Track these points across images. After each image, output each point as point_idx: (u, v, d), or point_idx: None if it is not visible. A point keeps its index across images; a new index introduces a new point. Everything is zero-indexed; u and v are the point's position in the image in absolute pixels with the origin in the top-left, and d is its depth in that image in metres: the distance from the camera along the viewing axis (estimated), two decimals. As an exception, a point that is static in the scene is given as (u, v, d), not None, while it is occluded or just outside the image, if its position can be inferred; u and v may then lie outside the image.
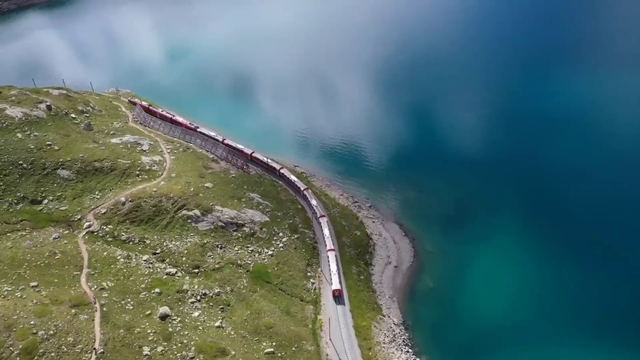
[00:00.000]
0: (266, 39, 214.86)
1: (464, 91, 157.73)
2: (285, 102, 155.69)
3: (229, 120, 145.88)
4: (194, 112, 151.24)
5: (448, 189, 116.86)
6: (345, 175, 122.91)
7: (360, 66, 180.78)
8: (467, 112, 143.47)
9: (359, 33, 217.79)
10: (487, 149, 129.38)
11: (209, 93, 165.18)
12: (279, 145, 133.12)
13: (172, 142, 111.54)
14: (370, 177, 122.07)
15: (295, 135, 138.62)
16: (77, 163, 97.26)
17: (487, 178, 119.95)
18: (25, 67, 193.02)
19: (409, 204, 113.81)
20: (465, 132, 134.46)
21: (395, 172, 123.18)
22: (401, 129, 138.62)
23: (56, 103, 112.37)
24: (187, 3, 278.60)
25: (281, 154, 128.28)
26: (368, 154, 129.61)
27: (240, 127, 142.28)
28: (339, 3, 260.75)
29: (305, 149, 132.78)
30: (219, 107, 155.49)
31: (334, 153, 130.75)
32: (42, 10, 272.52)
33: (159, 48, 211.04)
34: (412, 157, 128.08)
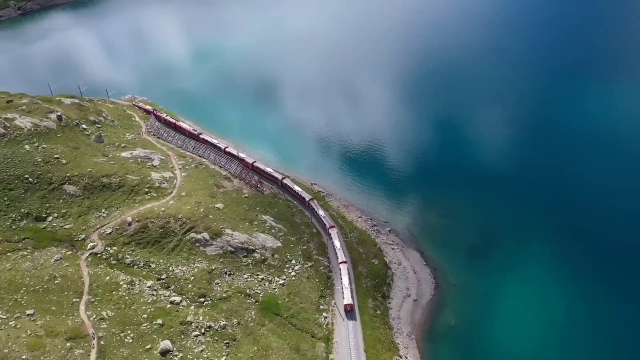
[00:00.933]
0: (289, 44, 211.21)
1: (493, 104, 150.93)
2: (305, 113, 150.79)
3: (246, 131, 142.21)
4: (211, 121, 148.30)
5: (473, 214, 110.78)
6: (365, 195, 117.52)
7: (385, 75, 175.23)
8: (496, 128, 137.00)
9: (385, 39, 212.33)
10: (517, 170, 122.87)
11: (227, 101, 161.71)
12: (297, 161, 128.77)
13: (184, 157, 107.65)
14: (390, 198, 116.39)
15: (314, 150, 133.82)
16: (85, 178, 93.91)
17: (517, 202, 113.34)
18: (44, 70, 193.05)
19: (431, 229, 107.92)
20: (493, 150, 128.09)
21: (418, 192, 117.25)
22: (425, 145, 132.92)
23: (67, 113, 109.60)
24: (212, 6, 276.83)
25: (298, 170, 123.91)
26: (389, 172, 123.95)
27: (257, 139, 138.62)
28: (366, 7, 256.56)
29: (324, 165, 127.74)
30: (236, 116, 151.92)
31: (353, 170, 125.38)
32: (65, 11, 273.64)
33: (180, 52, 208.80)
34: (436, 177, 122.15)
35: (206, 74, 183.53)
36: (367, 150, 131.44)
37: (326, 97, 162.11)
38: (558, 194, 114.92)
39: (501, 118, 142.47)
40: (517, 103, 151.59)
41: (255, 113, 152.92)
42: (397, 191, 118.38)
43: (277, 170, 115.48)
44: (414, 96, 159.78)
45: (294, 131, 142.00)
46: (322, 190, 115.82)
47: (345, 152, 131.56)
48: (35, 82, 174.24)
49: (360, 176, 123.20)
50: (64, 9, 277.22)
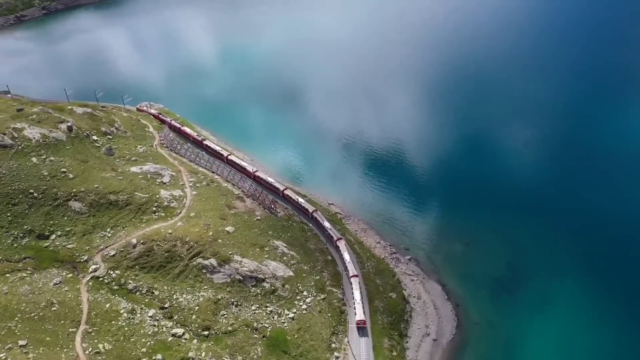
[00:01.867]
0: (313, 48, 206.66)
1: (524, 119, 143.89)
2: (326, 124, 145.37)
3: (263, 143, 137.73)
4: (227, 131, 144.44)
5: (500, 242, 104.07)
6: (384, 218, 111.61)
7: (411, 84, 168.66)
8: (527, 147, 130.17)
9: (413, 44, 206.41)
10: (550, 195, 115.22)
11: (246, 109, 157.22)
12: (315, 177, 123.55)
13: (196, 174, 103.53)
14: (412, 221, 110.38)
15: (333, 165, 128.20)
16: (91, 195, 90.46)
17: (548, 231, 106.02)
18: (64, 72, 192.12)
19: (455, 259, 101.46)
20: (523, 172, 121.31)
21: (441, 216, 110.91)
22: (450, 164, 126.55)
23: (78, 123, 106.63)
24: (237, 8, 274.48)
25: (316, 188, 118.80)
26: (411, 192, 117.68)
27: (274, 152, 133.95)
28: (394, 9, 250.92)
29: (343, 183, 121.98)
30: (254, 126, 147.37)
31: (373, 189, 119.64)
32: (88, 11, 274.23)
33: (202, 56, 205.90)
34: (461, 199, 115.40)
35: (227, 79, 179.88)
36: (388, 167, 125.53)
37: (348, 107, 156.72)
38: (594, 223, 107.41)
39: (533, 135, 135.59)
40: (552, 119, 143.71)
41: (275, 123, 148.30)
42: (419, 214, 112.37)
43: (278, 181, 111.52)
44: (441, 109, 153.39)
45: (313, 144, 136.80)
46: (339, 211, 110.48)
47: (365, 169, 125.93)
48: (53, 85, 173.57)
49: (381, 196, 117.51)
50: (87, 10, 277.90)
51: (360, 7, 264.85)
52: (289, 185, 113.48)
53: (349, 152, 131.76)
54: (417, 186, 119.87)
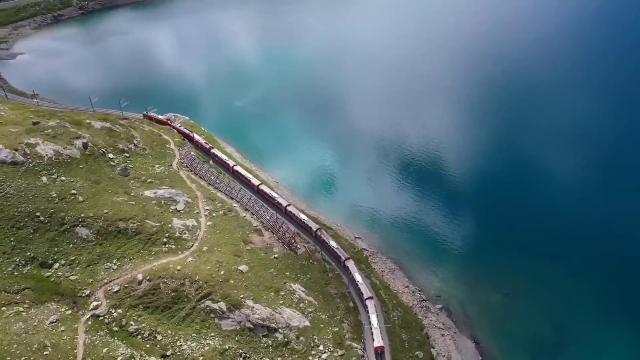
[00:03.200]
0: (353, 57, 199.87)
1: (583, 152, 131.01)
2: (357, 150, 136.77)
3: (290, 165, 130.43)
4: (253, 148, 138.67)
5: (547, 296, 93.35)
6: (415, 256, 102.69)
7: (452, 103, 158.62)
8: (588, 184, 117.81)
9: (458, 54, 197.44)
10: (611, 243, 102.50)
11: (276, 125, 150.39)
12: (342, 207, 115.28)
13: (213, 201, 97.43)
14: (445, 263, 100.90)
15: (363, 196, 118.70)
16: (100, 221, 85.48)
17: (605, 287, 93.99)
18: (93, 76, 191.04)
19: (491, 311, 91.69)
20: (579, 213, 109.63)
21: (479, 260, 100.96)
22: (492, 201, 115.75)
23: (95, 139, 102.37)
24: (274, 14, 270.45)
25: (343, 219, 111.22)
26: (446, 230, 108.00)
27: (301, 176, 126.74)
28: (439, 14, 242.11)
29: (372, 215, 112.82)
30: (282, 145, 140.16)
31: (404, 224, 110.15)
32: (125, 12, 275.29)
33: (236, 64, 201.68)
34: (502, 242, 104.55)
35: (258, 90, 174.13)
36: (421, 200, 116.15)
37: (383, 128, 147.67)
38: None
39: (592, 168, 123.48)
40: (614, 151, 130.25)
41: (304, 142, 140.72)
42: (453, 254, 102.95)
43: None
44: (481, 132, 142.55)
45: (344, 170, 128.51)
46: (366, 247, 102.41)
47: (397, 200, 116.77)
48: (82, 89, 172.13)
49: (412, 231, 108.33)
50: (124, 10, 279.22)
51: (403, 13, 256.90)
52: (313, 216, 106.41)
53: (380, 180, 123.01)
54: (453, 222, 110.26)
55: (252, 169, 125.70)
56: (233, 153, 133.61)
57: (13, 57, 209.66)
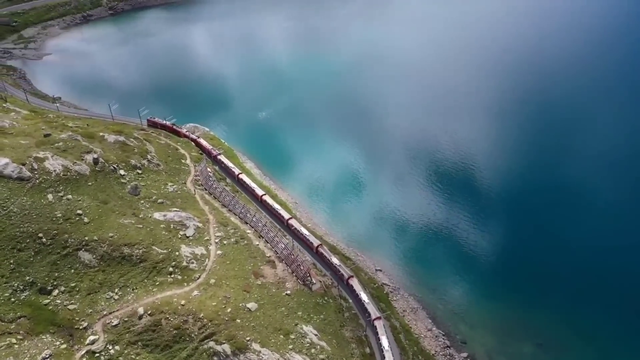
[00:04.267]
0: (389, 65, 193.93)
1: (632, 168, 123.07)
2: (386, 165, 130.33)
3: (312, 185, 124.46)
4: (275, 165, 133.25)
5: (585, 349, 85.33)
6: (440, 295, 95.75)
7: (491, 122, 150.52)
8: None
9: (502, 61, 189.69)
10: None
11: (299, 138, 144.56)
12: (365, 235, 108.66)
13: (225, 226, 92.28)
14: (472, 306, 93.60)
15: (388, 221, 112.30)
16: (104, 245, 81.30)
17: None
18: (117, 80, 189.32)
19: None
20: (623, 255, 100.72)
21: (510, 305, 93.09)
22: (526, 238, 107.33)
23: (106, 154, 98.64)
24: (305, 19, 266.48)
25: (364, 249, 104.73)
26: (475, 269, 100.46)
27: (321, 195, 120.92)
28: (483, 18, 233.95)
29: (397, 246, 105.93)
30: (304, 161, 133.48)
31: (431, 258, 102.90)
32: (154, 14, 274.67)
33: (264, 70, 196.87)
34: (537, 286, 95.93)
35: (285, 101, 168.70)
36: (451, 232, 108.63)
37: (414, 142, 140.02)
38: None
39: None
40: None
41: (328, 158, 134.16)
42: (482, 296, 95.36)
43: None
44: (520, 156, 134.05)
45: (367, 191, 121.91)
46: (387, 282, 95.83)
47: (425, 231, 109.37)
48: (104, 94, 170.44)
49: (439, 267, 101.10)
50: (154, 11, 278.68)
51: (442, 20, 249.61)
52: (332, 244, 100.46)
53: (408, 207, 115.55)
54: (484, 259, 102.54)
55: (271, 187, 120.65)
56: (252, 169, 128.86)
57: (40, 58, 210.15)
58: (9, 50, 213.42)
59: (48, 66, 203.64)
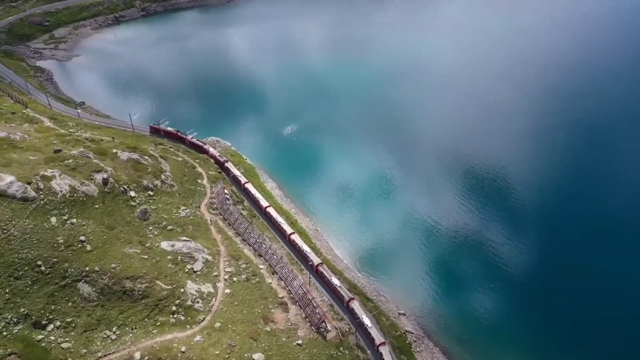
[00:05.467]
0: (430, 76, 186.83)
1: None
2: (423, 193, 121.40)
3: (336, 209, 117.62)
4: (296, 184, 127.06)
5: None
6: (469, 348, 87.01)
7: (546, 142, 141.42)
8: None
9: (553, 77, 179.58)
10: None
11: (327, 157, 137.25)
12: (391, 270, 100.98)
13: (237, 260, 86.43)
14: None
15: (417, 256, 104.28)
16: (105, 277, 76.50)
17: None
18: (143, 85, 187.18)
19: None
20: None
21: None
22: (576, 282, 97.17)
23: (117, 174, 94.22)
24: (341, 24, 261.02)
25: (387, 287, 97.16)
26: (511, 319, 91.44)
27: (346, 223, 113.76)
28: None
29: (425, 285, 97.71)
30: (331, 183, 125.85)
31: (463, 303, 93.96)
32: (186, 16, 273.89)
33: (294, 79, 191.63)
34: (589, 341, 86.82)
35: (316, 112, 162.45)
36: (486, 275, 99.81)
37: (455, 166, 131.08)
38: None
39: None
40: None
41: (358, 181, 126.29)
42: (520, 349, 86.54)
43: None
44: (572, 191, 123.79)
45: (396, 221, 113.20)
46: (411, 330, 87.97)
47: (457, 272, 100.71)
48: (128, 100, 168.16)
49: (470, 312, 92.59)
50: (185, 14, 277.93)
51: (491, 28, 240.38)
52: (350, 280, 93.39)
53: (441, 242, 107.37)
54: (521, 308, 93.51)
55: (291, 211, 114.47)
56: (273, 189, 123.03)
57: (69, 59, 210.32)
58: (39, 50, 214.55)
59: (76, 68, 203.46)
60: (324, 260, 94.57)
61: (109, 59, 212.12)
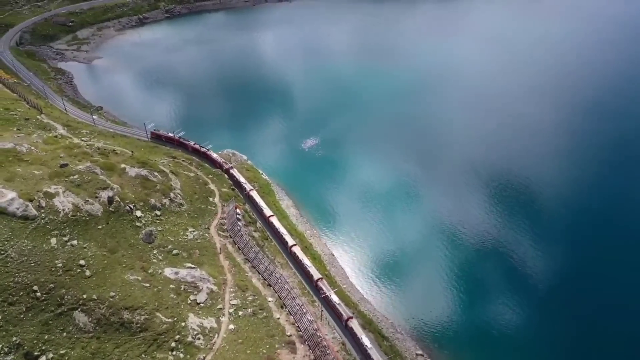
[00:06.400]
0: (466, 87, 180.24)
1: None
2: (456, 218, 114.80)
3: (354, 233, 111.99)
4: (315, 204, 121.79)
5: None
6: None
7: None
8: None
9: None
10: None
11: (352, 173, 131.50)
12: (411, 303, 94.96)
13: (244, 291, 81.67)
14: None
15: (440, 290, 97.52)
16: (103, 307, 72.64)
17: None
18: (162, 90, 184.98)
19: None
20: None
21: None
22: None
23: (124, 191, 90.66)
24: (373, 26, 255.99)
25: (407, 322, 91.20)
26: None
27: (365, 247, 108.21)
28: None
29: (449, 324, 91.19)
30: (352, 204, 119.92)
31: (487, 345, 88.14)
32: (210, 19, 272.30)
33: (320, 87, 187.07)
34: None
35: (340, 123, 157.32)
36: (515, 312, 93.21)
37: (492, 196, 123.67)
38: None
39: None
40: None
41: (382, 201, 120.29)
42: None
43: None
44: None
45: (421, 250, 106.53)
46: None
47: (484, 311, 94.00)
48: (145, 107, 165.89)
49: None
50: (210, 17, 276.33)
51: (527, 39, 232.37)
52: (366, 314, 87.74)
53: (464, 279, 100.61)
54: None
55: (305, 233, 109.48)
56: (289, 208, 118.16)
57: (90, 61, 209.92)
58: (61, 51, 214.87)
59: (96, 71, 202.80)
60: (339, 292, 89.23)
61: (130, 62, 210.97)
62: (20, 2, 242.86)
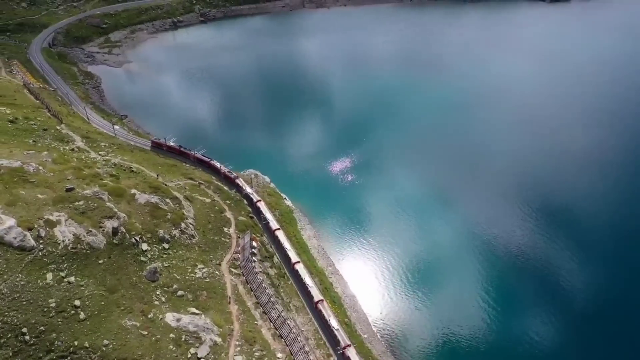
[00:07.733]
0: (513, 105, 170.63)
1: None
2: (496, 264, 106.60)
3: (381, 271, 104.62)
4: (338, 235, 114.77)
5: None
6: None
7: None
8: None
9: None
10: None
11: (382, 202, 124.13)
12: (430, 348, 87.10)
13: (251, 345, 74.80)
14: None
15: (467, 340, 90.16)
16: (94, 357, 67.03)
17: None
18: (188, 100, 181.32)
19: None
20: None
21: None
22: None
23: (131, 221, 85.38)
24: (415, 41, 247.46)
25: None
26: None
27: (392, 289, 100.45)
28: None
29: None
30: (378, 240, 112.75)
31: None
32: (245, 23, 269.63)
33: (356, 100, 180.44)
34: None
35: (375, 142, 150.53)
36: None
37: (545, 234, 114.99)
38: None
39: None
40: None
41: (409, 240, 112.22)
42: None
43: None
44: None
45: (445, 283, 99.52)
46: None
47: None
48: (171, 117, 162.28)
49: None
50: (245, 21, 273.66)
51: (583, 56, 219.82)
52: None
53: (503, 332, 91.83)
54: None
55: (327, 270, 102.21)
56: (310, 239, 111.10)
57: (120, 65, 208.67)
58: (92, 54, 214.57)
59: (125, 76, 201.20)
60: (359, 345, 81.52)
61: (160, 67, 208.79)
62: (56, 2, 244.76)
